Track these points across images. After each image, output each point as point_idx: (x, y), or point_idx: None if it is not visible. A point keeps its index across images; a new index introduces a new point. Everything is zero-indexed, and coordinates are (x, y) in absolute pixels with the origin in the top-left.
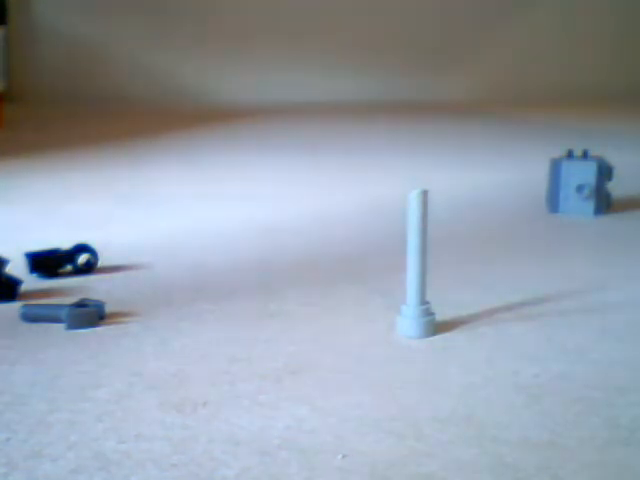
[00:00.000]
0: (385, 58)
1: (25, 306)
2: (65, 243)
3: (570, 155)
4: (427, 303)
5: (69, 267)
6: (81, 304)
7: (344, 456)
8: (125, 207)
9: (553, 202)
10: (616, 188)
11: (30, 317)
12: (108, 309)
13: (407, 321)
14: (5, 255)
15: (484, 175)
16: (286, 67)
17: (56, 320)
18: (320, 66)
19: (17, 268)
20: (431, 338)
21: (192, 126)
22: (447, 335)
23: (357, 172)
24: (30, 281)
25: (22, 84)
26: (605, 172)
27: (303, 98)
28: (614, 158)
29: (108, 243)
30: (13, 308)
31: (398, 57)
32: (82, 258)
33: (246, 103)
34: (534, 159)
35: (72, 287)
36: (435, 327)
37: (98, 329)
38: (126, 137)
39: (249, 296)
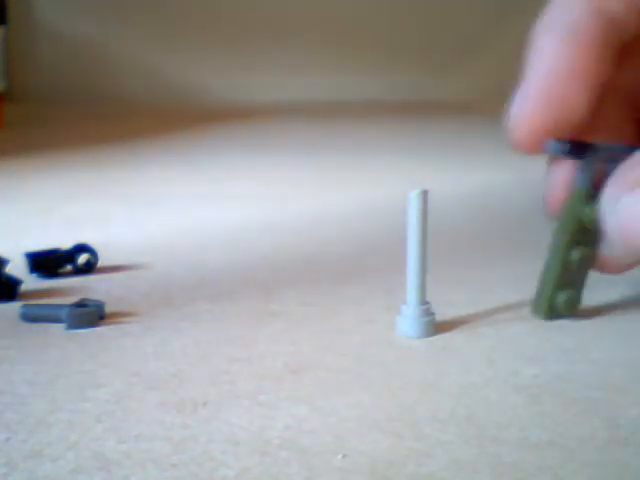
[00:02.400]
0: (385, 58)
1: (25, 306)
2: (65, 243)
3: None
4: (427, 303)
5: (69, 267)
6: (81, 304)
7: (344, 456)
8: (125, 207)
9: None
10: None
11: (30, 317)
12: (108, 309)
13: (407, 321)
14: (5, 255)
15: (484, 175)
16: (286, 67)
17: (56, 320)
18: (320, 66)
19: (17, 268)
20: (431, 338)
21: (192, 126)
22: (447, 335)
23: (357, 172)
24: (30, 281)
25: (22, 84)
26: None
27: (303, 98)
28: None
29: (108, 243)
30: (13, 308)
31: (398, 57)
32: (82, 258)
33: (246, 103)
34: (534, 159)
35: (72, 287)
36: (435, 327)
37: (98, 329)
38: (126, 137)
39: (249, 296)
